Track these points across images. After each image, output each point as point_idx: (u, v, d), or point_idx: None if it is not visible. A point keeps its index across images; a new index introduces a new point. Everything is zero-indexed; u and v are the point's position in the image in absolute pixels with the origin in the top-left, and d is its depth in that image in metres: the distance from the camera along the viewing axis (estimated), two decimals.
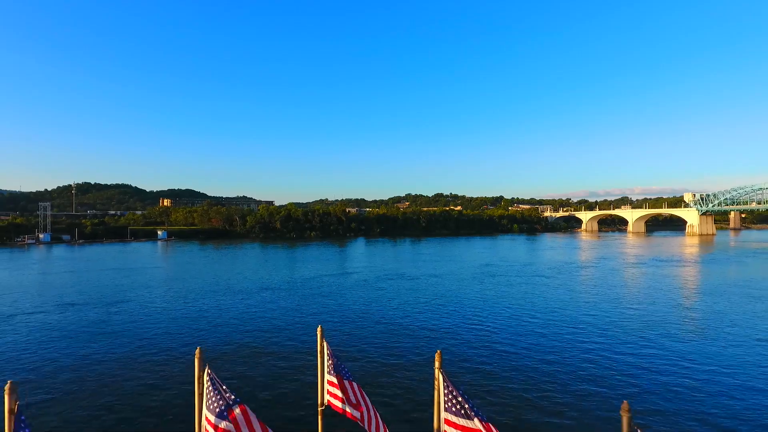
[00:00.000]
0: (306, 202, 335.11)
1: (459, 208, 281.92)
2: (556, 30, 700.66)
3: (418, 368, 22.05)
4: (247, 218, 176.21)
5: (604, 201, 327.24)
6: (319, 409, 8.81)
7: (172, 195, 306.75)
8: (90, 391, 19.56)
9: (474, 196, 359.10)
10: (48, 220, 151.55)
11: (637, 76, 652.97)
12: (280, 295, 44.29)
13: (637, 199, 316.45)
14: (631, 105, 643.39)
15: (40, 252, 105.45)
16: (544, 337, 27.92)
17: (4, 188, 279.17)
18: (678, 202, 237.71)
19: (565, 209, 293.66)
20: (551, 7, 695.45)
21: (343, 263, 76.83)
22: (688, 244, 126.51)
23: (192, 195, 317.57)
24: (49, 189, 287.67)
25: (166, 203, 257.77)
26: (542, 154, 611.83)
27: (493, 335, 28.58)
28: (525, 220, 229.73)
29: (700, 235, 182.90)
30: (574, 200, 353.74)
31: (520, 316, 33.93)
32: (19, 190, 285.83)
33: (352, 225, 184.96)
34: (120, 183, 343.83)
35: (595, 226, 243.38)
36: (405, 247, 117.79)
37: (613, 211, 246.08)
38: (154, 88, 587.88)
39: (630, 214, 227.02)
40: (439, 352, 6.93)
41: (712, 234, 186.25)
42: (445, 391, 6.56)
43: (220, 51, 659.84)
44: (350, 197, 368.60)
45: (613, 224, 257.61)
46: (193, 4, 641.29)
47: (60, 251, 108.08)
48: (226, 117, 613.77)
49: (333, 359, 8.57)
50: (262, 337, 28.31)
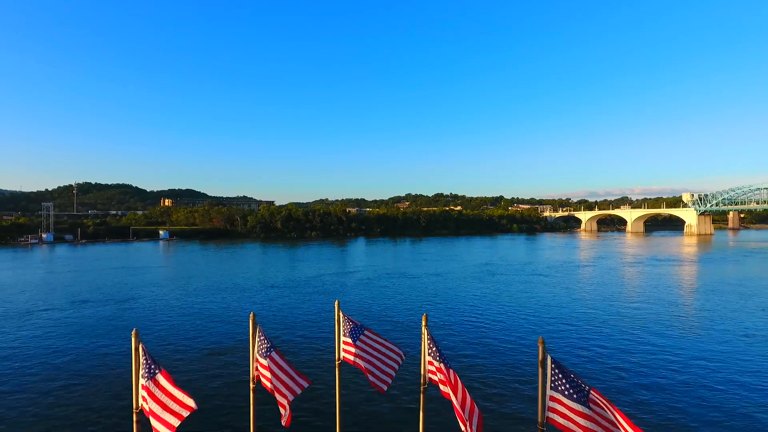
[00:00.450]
0: (306, 202, 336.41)
1: (459, 208, 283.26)
2: (556, 30, 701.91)
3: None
4: (248, 218, 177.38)
5: (604, 201, 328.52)
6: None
7: (173, 195, 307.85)
8: (107, 381, 20.76)
9: (474, 196, 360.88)
10: (51, 220, 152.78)
11: (637, 76, 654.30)
12: (284, 292, 45.50)
13: (636, 199, 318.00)
14: (631, 105, 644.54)
15: (43, 252, 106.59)
16: (537, 333, 29.13)
17: (5, 188, 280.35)
18: (677, 202, 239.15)
19: (564, 209, 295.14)
20: (551, 7, 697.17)
21: (345, 262, 78.01)
22: (686, 244, 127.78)
23: (192, 195, 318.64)
24: (49, 189, 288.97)
25: (167, 203, 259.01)
26: (542, 154, 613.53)
27: (488, 332, 29.83)
28: (525, 220, 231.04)
29: (698, 235, 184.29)
30: (574, 200, 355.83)
31: (517, 312, 35.21)
32: (19, 190, 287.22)
33: (353, 225, 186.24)
34: (120, 183, 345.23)
35: (594, 226, 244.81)
36: (405, 247, 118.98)
37: (612, 211, 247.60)
38: (154, 88, 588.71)
39: (629, 214, 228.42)
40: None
41: (710, 234, 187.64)
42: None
43: (220, 51, 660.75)
44: (350, 197, 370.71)
45: (612, 224, 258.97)
46: (193, 4, 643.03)
47: (63, 251, 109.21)
48: (226, 117, 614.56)
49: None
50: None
